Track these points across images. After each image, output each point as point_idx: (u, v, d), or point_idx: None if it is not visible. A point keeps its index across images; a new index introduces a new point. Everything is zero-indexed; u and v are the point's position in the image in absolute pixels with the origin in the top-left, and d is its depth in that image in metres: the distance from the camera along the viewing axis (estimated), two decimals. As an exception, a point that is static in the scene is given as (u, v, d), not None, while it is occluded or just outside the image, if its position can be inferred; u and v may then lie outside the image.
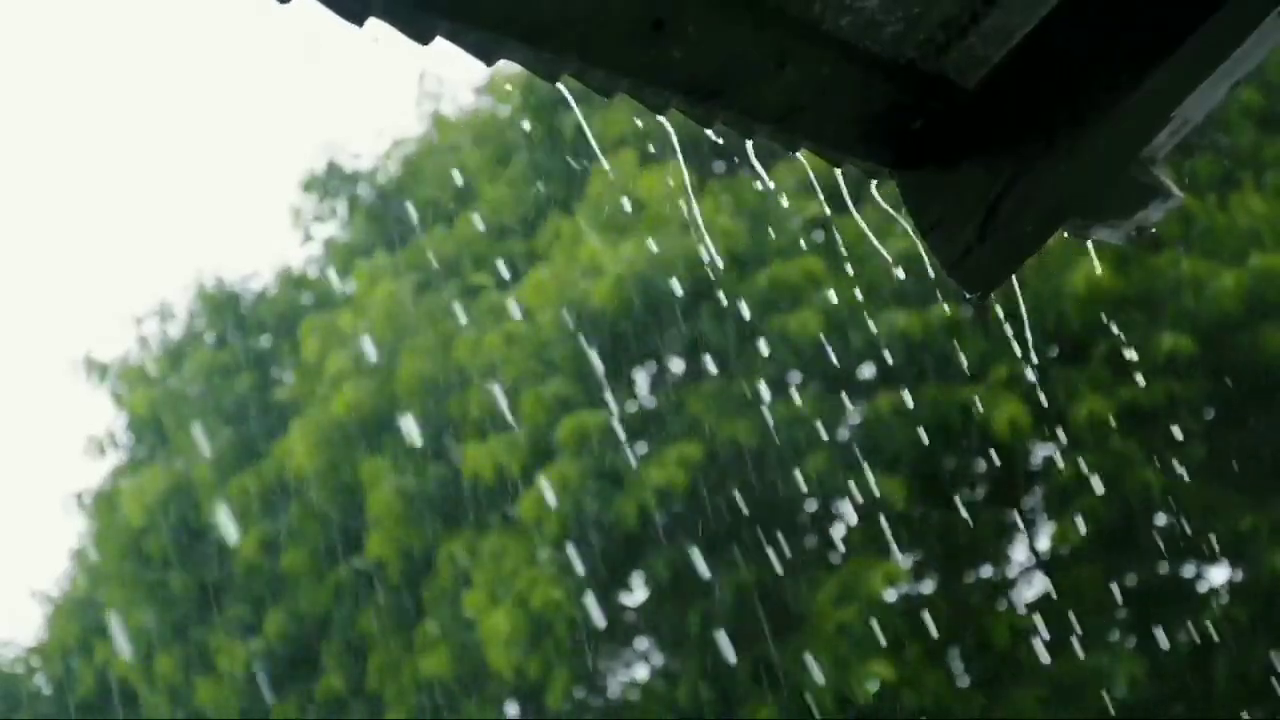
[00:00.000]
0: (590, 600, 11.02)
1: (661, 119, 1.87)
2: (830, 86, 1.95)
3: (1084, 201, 2.14)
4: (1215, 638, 10.75)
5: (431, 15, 1.59)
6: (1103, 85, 2.02)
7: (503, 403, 11.31)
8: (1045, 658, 10.71)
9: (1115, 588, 11.18)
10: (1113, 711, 10.66)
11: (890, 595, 10.97)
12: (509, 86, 12.65)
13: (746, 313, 10.89)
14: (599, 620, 11.13)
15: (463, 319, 11.99)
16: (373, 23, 1.57)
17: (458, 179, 13.37)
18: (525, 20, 1.63)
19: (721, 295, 10.94)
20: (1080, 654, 10.75)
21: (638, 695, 11.89)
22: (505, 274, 12.13)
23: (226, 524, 13.17)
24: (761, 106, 1.90)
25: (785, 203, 11.33)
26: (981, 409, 10.48)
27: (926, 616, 10.82)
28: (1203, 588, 11.54)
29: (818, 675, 10.50)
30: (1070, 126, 2.03)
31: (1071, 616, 11.01)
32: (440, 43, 1.61)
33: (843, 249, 10.88)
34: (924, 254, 2.12)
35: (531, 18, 1.64)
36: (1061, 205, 2.09)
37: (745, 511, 10.69)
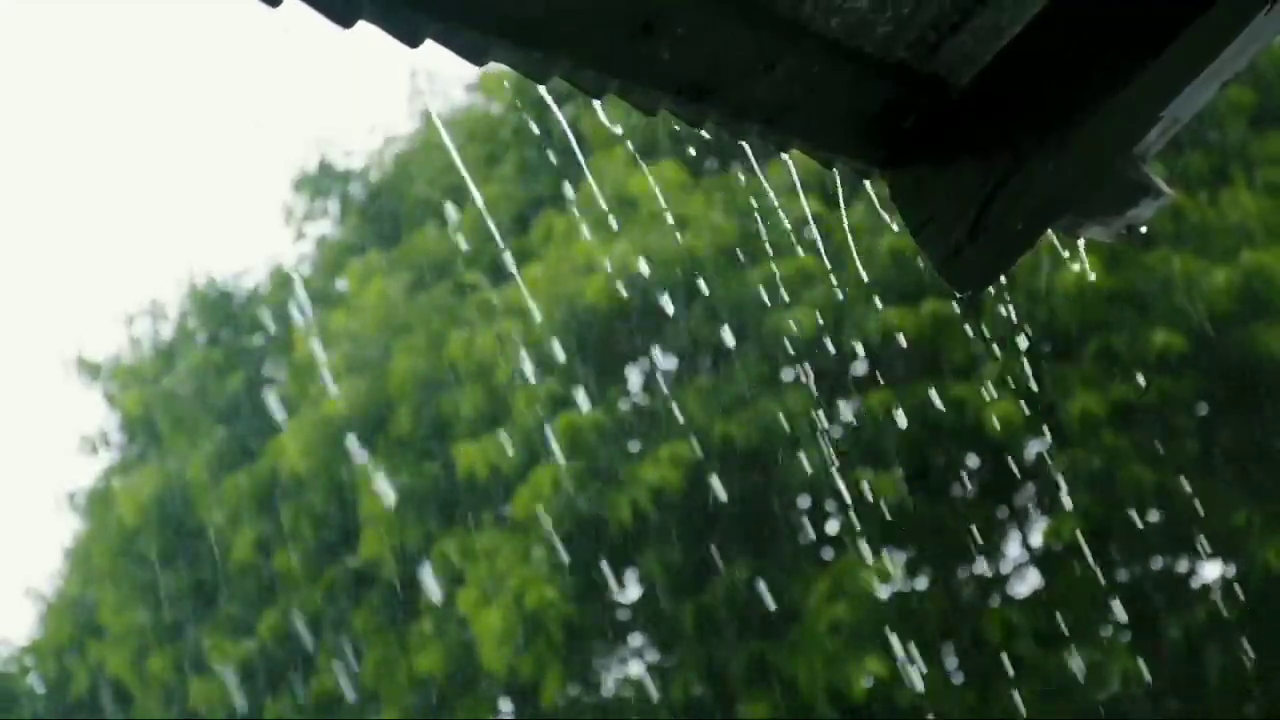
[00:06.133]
0: (583, 598, 11.01)
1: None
2: (821, 86, 1.95)
3: (1074, 200, 2.14)
4: (1208, 633, 10.76)
5: (421, 17, 1.58)
6: (1093, 84, 2.02)
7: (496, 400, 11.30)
8: (1038, 653, 10.72)
9: (1108, 583, 11.18)
10: (1106, 707, 10.67)
11: (883, 592, 10.97)
12: (503, 83, 12.65)
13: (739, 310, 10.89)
14: (592, 618, 11.12)
15: (455, 317, 11.98)
16: (362, 25, 1.57)
17: (450, 177, 13.35)
18: (515, 22, 1.63)
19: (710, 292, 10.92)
20: (1073, 649, 10.76)
21: (631, 693, 11.87)
22: (498, 272, 12.11)
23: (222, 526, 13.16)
24: (752, 107, 1.90)
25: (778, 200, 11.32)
26: (974, 406, 10.48)
27: (919, 613, 10.82)
28: (1196, 583, 11.55)
29: (811, 672, 10.51)
30: (1060, 125, 2.03)
31: (1064, 612, 11.02)
32: (430, 45, 1.61)
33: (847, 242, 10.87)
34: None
35: (521, 19, 1.64)
36: (1052, 203, 2.09)
37: (738, 509, 10.69)
